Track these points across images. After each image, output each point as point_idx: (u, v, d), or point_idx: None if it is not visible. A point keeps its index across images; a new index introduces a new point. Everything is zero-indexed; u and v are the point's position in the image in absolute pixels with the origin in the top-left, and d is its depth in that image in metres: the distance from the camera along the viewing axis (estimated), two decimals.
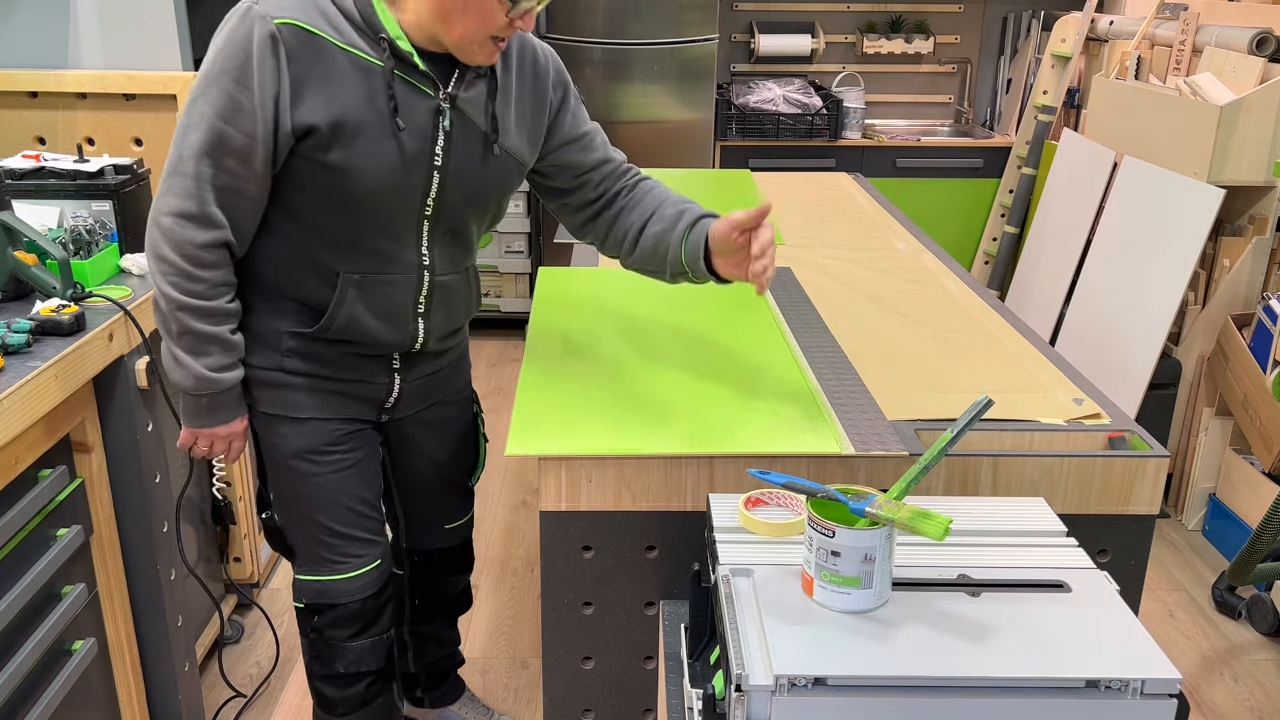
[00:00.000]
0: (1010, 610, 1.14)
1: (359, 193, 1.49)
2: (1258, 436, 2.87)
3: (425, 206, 1.56)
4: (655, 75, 4.30)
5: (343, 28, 1.45)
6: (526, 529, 3.12)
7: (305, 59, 1.43)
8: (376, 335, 1.61)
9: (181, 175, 1.45)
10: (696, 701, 1.18)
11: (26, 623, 1.61)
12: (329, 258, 1.55)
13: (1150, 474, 1.54)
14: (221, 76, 1.42)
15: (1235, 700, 2.44)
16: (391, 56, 1.46)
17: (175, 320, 1.50)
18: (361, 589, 1.74)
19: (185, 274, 1.48)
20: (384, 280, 1.58)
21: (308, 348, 1.61)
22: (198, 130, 1.44)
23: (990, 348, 1.97)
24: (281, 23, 1.41)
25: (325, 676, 1.80)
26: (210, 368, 1.53)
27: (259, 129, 1.43)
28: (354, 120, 1.45)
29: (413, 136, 1.50)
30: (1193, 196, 3.03)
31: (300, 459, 1.66)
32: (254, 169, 1.46)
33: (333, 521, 1.70)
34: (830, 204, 3.10)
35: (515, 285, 4.59)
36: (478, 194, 1.61)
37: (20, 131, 2.41)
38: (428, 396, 1.79)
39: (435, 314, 1.66)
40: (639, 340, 1.94)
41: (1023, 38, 4.84)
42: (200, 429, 1.60)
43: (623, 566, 1.58)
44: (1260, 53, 3.02)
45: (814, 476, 1.52)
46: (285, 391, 1.63)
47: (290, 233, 1.55)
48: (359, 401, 1.68)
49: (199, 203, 1.46)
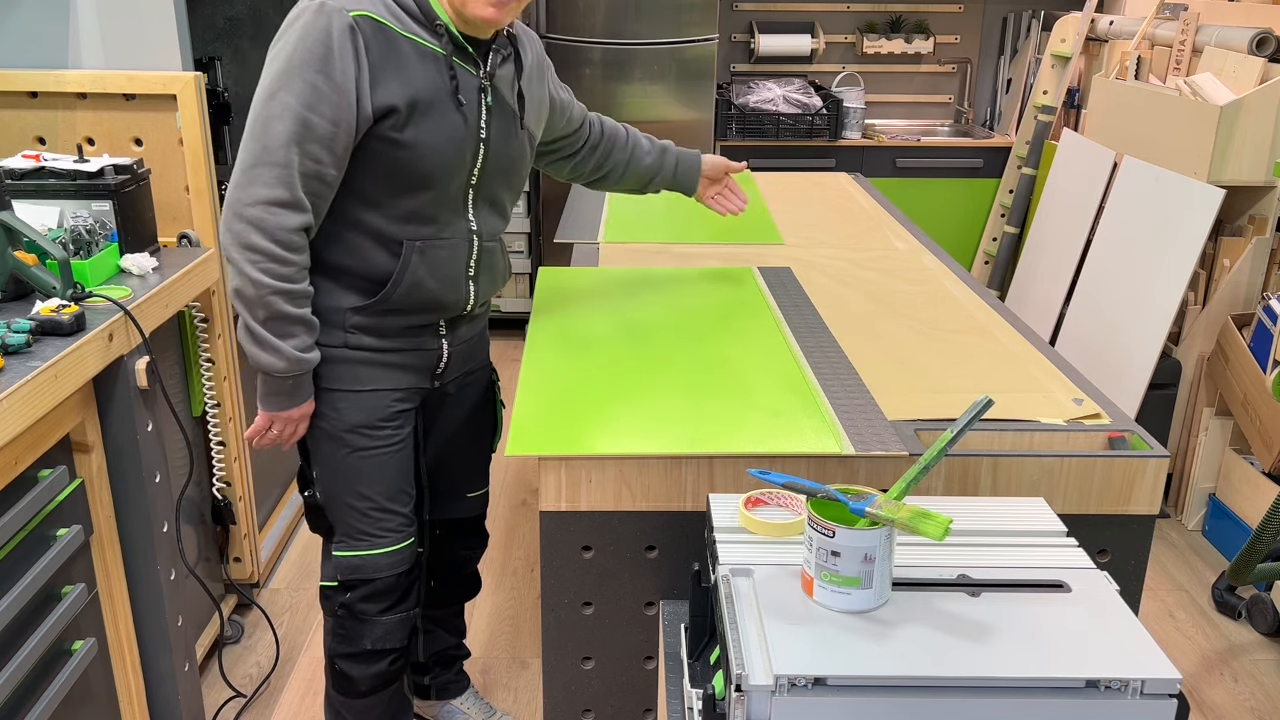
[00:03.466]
0: (1010, 610, 1.14)
1: (424, 166, 1.62)
2: (1258, 436, 2.87)
3: (471, 176, 1.70)
4: (655, 75, 4.30)
5: (403, 18, 1.59)
6: (526, 529, 3.12)
7: (379, 47, 1.56)
8: (436, 297, 1.72)
9: (270, 165, 1.53)
10: (696, 701, 1.18)
11: (26, 623, 1.61)
12: (392, 228, 1.65)
13: (1150, 474, 1.54)
14: (304, 68, 1.51)
15: (1235, 700, 2.44)
16: (449, 42, 1.61)
17: (265, 306, 1.57)
18: (397, 564, 1.81)
19: (279, 259, 1.56)
20: (443, 245, 1.70)
21: (370, 321, 1.70)
22: (282, 120, 1.52)
23: (990, 348, 1.97)
24: (357, 15, 1.54)
25: (350, 655, 1.84)
26: (298, 348, 1.62)
27: (343, 115, 1.54)
28: (425, 99, 1.59)
29: (469, 112, 1.65)
30: (1193, 196, 3.03)
31: (355, 433, 1.74)
32: (335, 154, 1.56)
33: (378, 495, 1.78)
34: (830, 204, 3.10)
35: (515, 285, 4.59)
36: (509, 164, 1.76)
37: (20, 131, 2.41)
38: (467, 361, 1.90)
39: (483, 277, 1.79)
40: (639, 340, 1.94)
41: (1023, 38, 4.84)
42: (279, 412, 1.67)
43: (623, 566, 1.58)
44: (1260, 53, 3.02)
45: (814, 476, 1.52)
46: (349, 366, 1.71)
47: (352, 210, 1.64)
48: (415, 371, 1.78)
49: (290, 189, 1.54)
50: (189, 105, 2.35)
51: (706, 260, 2.51)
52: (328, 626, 1.87)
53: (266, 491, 2.83)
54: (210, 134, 2.40)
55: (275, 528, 2.88)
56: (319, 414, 1.74)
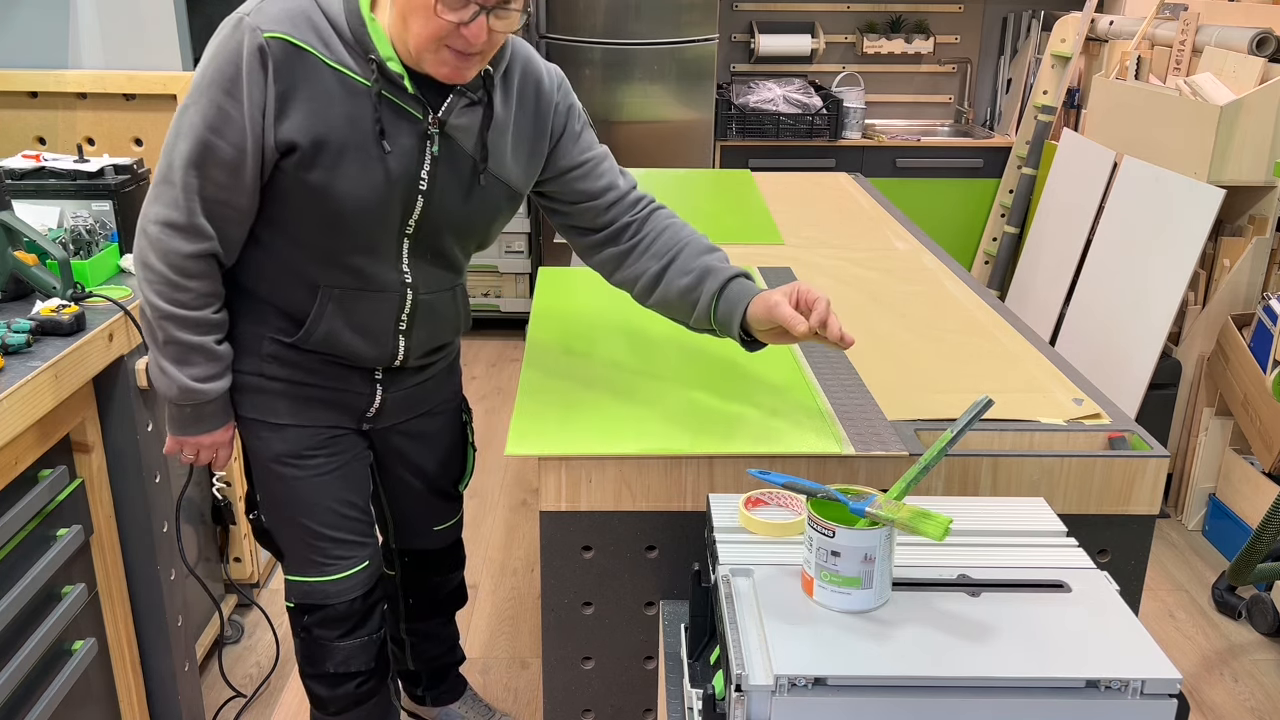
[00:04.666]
0: (1010, 610, 1.14)
1: (339, 212, 1.47)
2: (1258, 436, 2.87)
3: (406, 227, 1.54)
4: (655, 75, 4.30)
5: (334, 45, 1.42)
6: (526, 529, 3.12)
7: (291, 74, 1.41)
8: (355, 350, 1.60)
9: (169, 185, 1.44)
10: (696, 701, 1.18)
11: (26, 623, 1.61)
12: (310, 271, 1.54)
13: (1150, 474, 1.54)
14: (211, 87, 1.41)
15: (1235, 700, 2.44)
16: (381, 78, 1.43)
17: (160, 329, 1.50)
18: (349, 590, 1.74)
19: (171, 283, 1.47)
20: (364, 296, 1.56)
21: (288, 354, 1.60)
22: (186, 140, 1.43)
23: (990, 348, 1.97)
24: (271, 36, 1.39)
25: (316, 676, 1.80)
26: (194, 378, 1.53)
27: (247, 141, 1.41)
28: (337, 141, 1.43)
29: (398, 160, 1.47)
30: (1193, 196, 3.03)
31: (281, 463, 1.66)
32: (242, 181, 1.44)
33: (317, 524, 1.69)
34: (830, 204, 3.09)
35: (515, 285, 4.59)
36: (463, 220, 1.59)
37: (20, 131, 2.41)
38: (413, 408, 1.77)
39: (417, 332, 1.64)
40: (639, 340, 1.94)
41: (1023, 38, 4.84)
42: (185, 437, 1.60)
43: (623, 566, 1.58)
44: (1260, 53, 3.02)
45: (814, 476, 1.52)
46: (265, 397, 1.62)
47: (272, 243, 1.54)
48: (339, 410, 1.67)
49: (186, 213, 1.45)
50: None
51: None
52: (295, 646, 1.82)
53: None
54: None
55: None
56: (245, 440, 1.66)
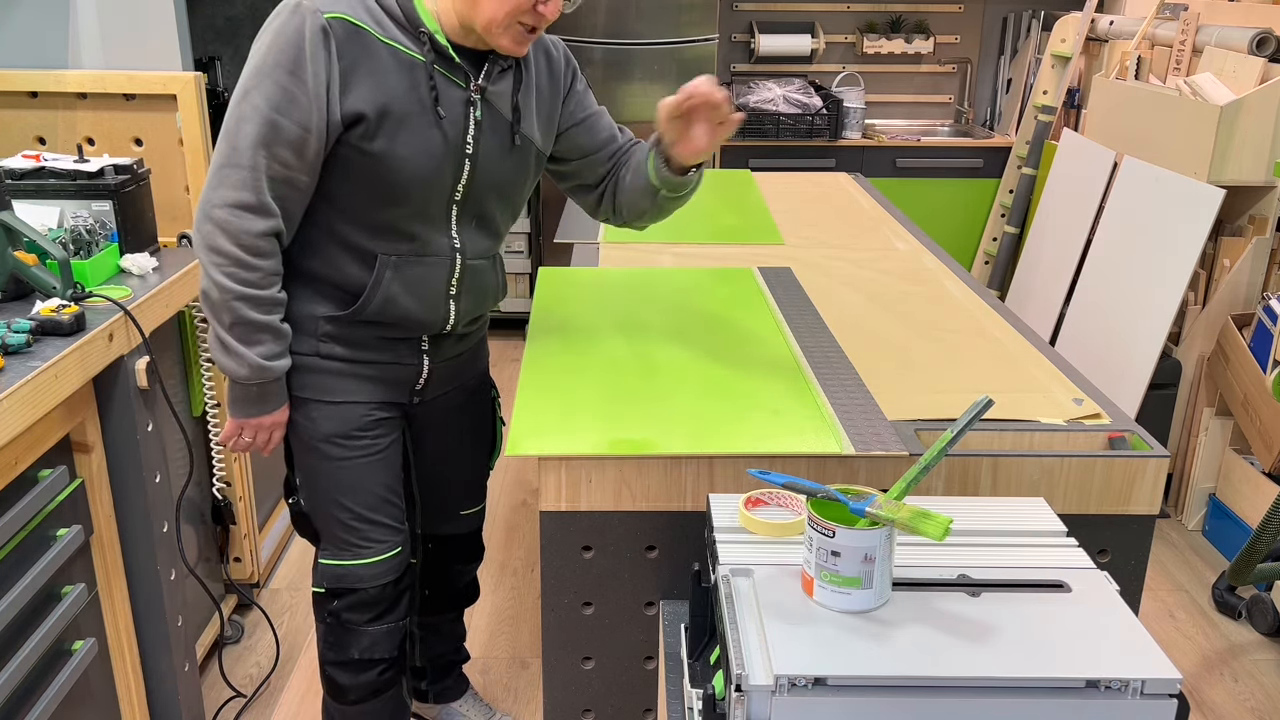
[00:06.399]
0: (1010, 610, 1.14)
1: (398, 179, 1.56)
2: (1258, 436, 2.87)
3: (455, 192, 1.63)
4: (655, 75, 4.30)
5: (385, 23, 1.53)
6: (526, 529, 3.12)
7: (353, 51, 1.50)
8: (411, 315, 1.66)
9: (237, 167, 1.50)
10: (696, 701, 1.18)
11: (26, 623, 1.61)
12: (367, 241, 1.61)
13: (1150, 474, 1.54)
14: (275, 69, 1.47)
15: (1235, 700, 2.44)
16: (431, 50, 1.54)
17: (229, 311, 1.54)
18: (382, 574, 1.77)
19: (242, 264, 1.52)
20: (419, 262, 1.64)
21: (343, 332, 1.66)
22: (252, 122, 1.49)
23: (990, 348, 1.97)
24: (331, 16, 1.48)
25: (339, 663, 1.82)
26: (264, 356, 1.58)
27: (313, 119, 1.49)
28: (398, 110, 1.53)
29: (450, 126, 1.57)
30: (1193, 196, 3.03)
31: (329, 443, 1.70)
32: (306, 159, 1.51)
33: (358, 506, 1.73)
34: (830, 204, 3.10)
35: (515, 285, 4.59)
36: (503, 181, 1.68)
37: (20, 131, 2.41)
38: (453, 379, 1.84)
39: (465, 297, 1.72)
40: (639, 340, 1.94)
41: (1023, 38, 4.84)
42: (248, 419, 1.64)
43: (623, 566, 1.58)
44: (1260, 53, 3.02)
45: (814, 476, 1.52)
46: (320, 376, 1.67)
47: (329, 219, 1.60)
48: (391, 385, 1.73)
49: (256, 193, 1.50)
50: (189, 105, 2.35)
51: (706, 260, 2.51)
52: (319, 633, 1.84)
53: (266, 491, 2.83)
54: (210, 134, 2.40)
55: (275, 528, 2.88)
56: (294, 422, 1.69)
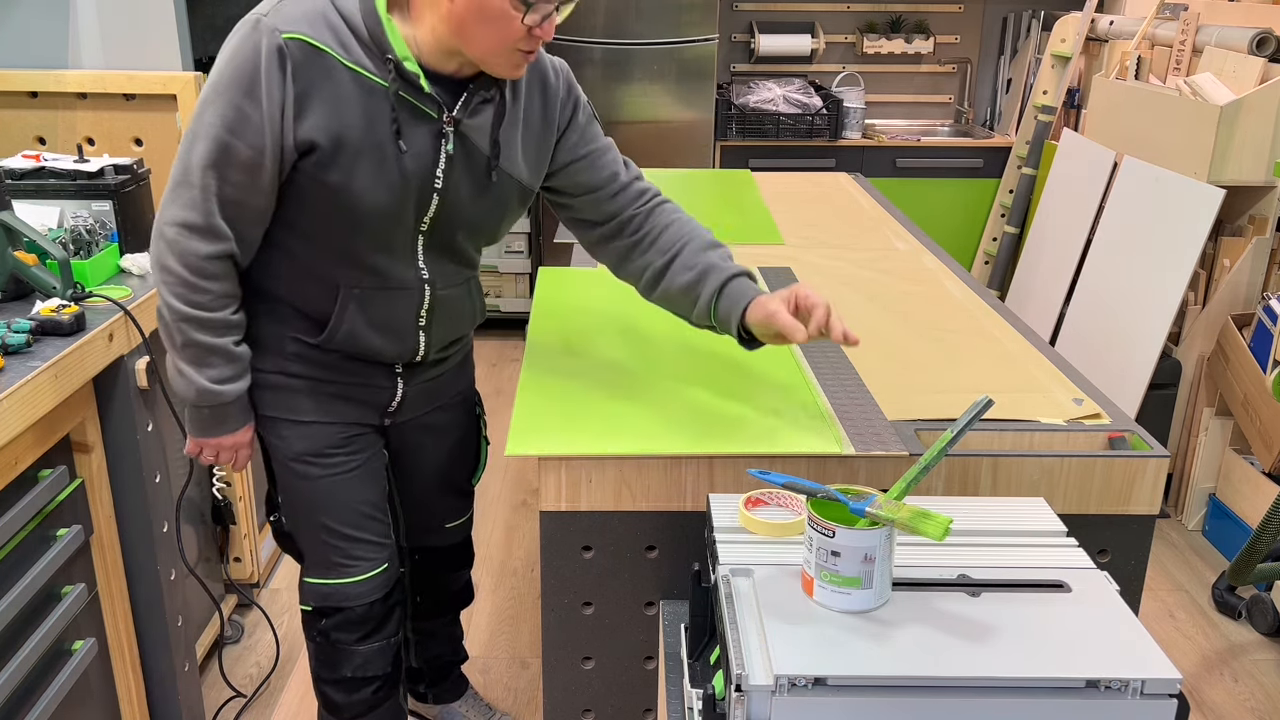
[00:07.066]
0: (1010, 610, 1.14)
1: (356, 211, 1.48)
2: (1258, 436, 2.87)
3: (421, 225, 1.55)
4: (655, 75, 4.30)
5: (350, 45, 1.43)
6: (526, 529, 3.12)
7: (310, 75, 1.41)
8: (377, 348, 1.61)
9: (188, 186, 1.44)
10: (696, 701, 1.18)
11: (26, 623, 1.61)
12: (329, 271, 1.55)
13: (1150, 474, 1.54)
14: (229, 88, 1.41)
15: (1235, 700, 2.44)
16: (397, 77, 1.44)
17: (179, 332, 1.50)
18: (369, 592, 1.74)
19: (189, 285, 1.48)
20: (384, 295, 1.58)
21: (311, 353, 1.61)
22: (204, 141, 1.43)
23: (990, 348, 1.97)
24: (289, 37, 1.40)
25: (332, 681, 1.79)
26: (213, 379, 1.53)
27: (266, 142, 1.42)
28: (354, 140, 1.44)
29: (414, 159, 1.48)
30: (1193, 196, 3.03)
31: (302, 462, 1.66)
32: (260, 182, 1.45)
33: (338, 524, 1.70)
34: (830, 204, 3.09)
35: (515, 285, 4.59)
36: (476, 217, 1.60)
37: (20, 131, 2.41)
38: (431, 400, 1.79)
39: (437, 327, 1.66)
40: (639, 340, 1.94)
41: (1023, 38, 4.84)
42: (206, 439, 1.60)
43: (623, 566, 1.58)
44: (1260, 53, 3.02)
45: (814, 476, 1.52)
46: (287, 394, 1.63)
47: (291, 245, 1.54)
48: (361, 405, 1.68)
49: (204, 214, 1.45)
50: (189, 105, 2.35)
51: None
52: (310, 650, 1.81)
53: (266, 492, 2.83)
54: None
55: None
56: (267, 441, 1.66)
